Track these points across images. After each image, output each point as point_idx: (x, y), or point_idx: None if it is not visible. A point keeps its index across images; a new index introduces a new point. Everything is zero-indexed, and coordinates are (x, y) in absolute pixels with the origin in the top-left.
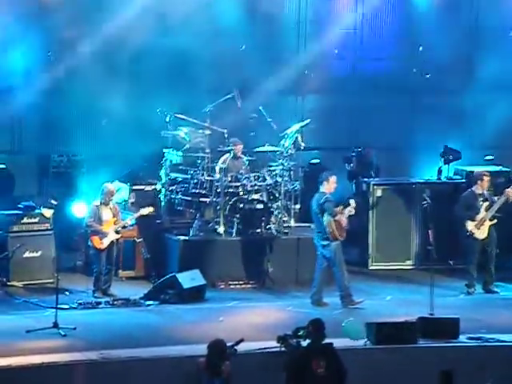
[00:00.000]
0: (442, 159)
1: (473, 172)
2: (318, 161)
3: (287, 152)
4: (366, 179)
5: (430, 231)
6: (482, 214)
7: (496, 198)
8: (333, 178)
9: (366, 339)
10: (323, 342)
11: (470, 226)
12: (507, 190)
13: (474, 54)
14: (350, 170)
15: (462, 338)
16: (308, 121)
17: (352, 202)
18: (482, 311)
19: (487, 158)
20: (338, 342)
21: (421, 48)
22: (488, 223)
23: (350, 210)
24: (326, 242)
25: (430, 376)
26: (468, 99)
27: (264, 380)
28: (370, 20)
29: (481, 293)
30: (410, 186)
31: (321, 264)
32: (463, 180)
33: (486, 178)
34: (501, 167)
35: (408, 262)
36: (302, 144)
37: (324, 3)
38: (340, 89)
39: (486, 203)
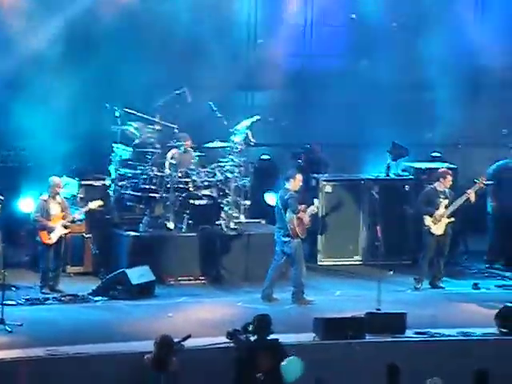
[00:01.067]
0: (390, 156)
1: (421, 169)
2: (268, 157)
3: (237, 148)
4: (315, 175)
5: (378, 227)
6: (441, 210)
7: (449, 192)
8: (299, 176)
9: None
10: (269, 338)
11: (428, 220)
12: (468, 191)
13: (424, 51)
14: (298, 166)
15: (409, 332)
16: (258, 117)
17: (316, 201)
18: (429, 306)
19: (434, 154)
20: (286, 338)
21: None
22: (445, 220)
23: (313, 209)
24: (287, 239)
25: (377, 371)
26: (416, 96)
27: (212, 376)
28: (320, 16)
29: (428, 288)
30: (359, 182)
31: (278, 260)
32: (411, 176)
33: (449, 177)
34: (447, 164)
35: (356, 258)
36: (252, 140)
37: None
38: (290, 85)
39: (446, 201)
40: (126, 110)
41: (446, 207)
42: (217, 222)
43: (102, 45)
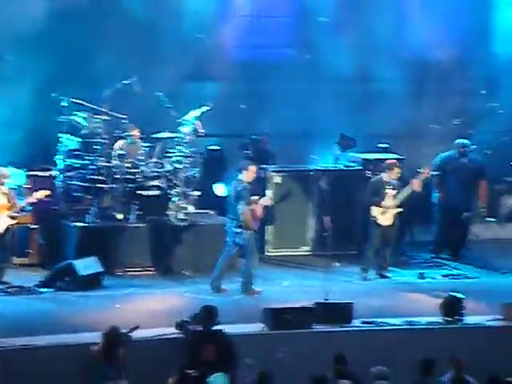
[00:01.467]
0: (339, 147)
1: (368, 159)
2: (217, 147)
3: (186, 138)
4: (264, 166)
5: (326, 218)
6: (388, 201)
7: (397, 183)
8: (252, 168)
9: None
10: (214, 328)
11: (375, 211)
12: (413, 180)
13: (371, 42)
14: (246, 157)
15: (356, 322)
16: (207, 107)
17: (268, 192)
18: (376, 296)
19: (381, 145)
20: (235, 328)
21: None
22: (393, 211)
23: (266, 201)
24: (239, 230)
25: (325, 360)
26: (363, 87)
27: (161, 366)
28: (268, 8)
29: (375, 277)
30: (308, 174)
31: (229, 251)
32: (359, 167)
33: (396, 169)
34: (395, 155)
35: (304, 248)
36: (201, 130)
37: None
38: (239, 75)
39: (393, 191)
40: (74, 99)
41: (393, 198)
42: (166, 213)
43: (48, 34)
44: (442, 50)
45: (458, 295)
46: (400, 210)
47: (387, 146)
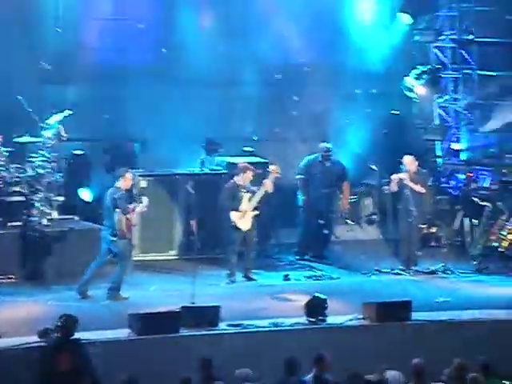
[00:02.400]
0: (204, 151)
1: (234, 163)
2: (81, 152)
3: (49, 143)
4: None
5: (193, 222)
6: (245, 205)
7: (256, 188)
8: (129, 175)
9: None
10: (72, 338)
11: (234, 216)
12: (265, 180)
13: (232, 48)
14: (107, 161)
15: (222, 325)
16: (69, 111)
17: (144, 199)
18: (242, 298)
19: (246, 149)
20: (101, 335)
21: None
22: (250, 214)
23: (142, 208)
24: (114, 238)
25: (191, 364)
26: (229, 92)
27: (24, 376)
28: (129, 11)
29: (241, 280)
30: (174, 177)
31: (103, 257)
32: (225, 171)
33: (249, 172)
34: (259, 158)
35: (172, 253)
36: (64, 135)
37: None
38: (102, 79)
39: (248, 194)
40: None
41: (250, 200)
42: (28, 219)
43: None
44: (304, 56)
45: (321, 296)
46: (257, 212)
47: (252, 149)
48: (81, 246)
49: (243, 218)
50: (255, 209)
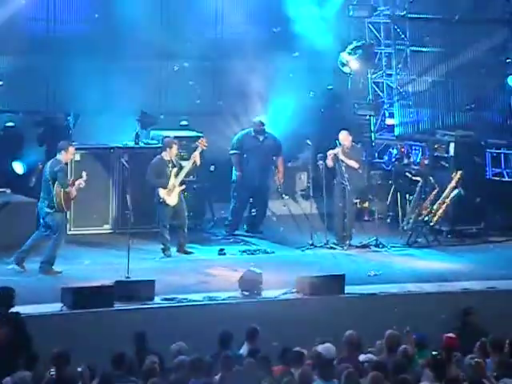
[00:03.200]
0: (139, 124)
1: (169, 136)
2: (12, 124)
3: None
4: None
5: (127, 196)
6: (172, 180)
7: (184, 163)
8: (72, 149)
9: None
10: (10, 311)
11: (162, 192)
12: (194, 153)
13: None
14: (39, 134)
15: (157, 299)
16: (0, 82)
17: (84, 174)
18: (177, 273)
19: (182, 123)
20: (34, 309)
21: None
22: (178, 189)
23: (81, 183)
24: (50, 210)
25: (126, 338)
26: (165, 65)
27: None
28: None
29: (176, 255)
30: (108, 151)
31: (44, 231)
32: (160, 145)
33: (175, 146)
34: (194, 132)
35: (106, 227)
36: None
37: None
38: (35, 51)
39: (175, 169)
40: None
41: (176, 175)
42: None
43: None
44: (238, 30)
45: (257, 270)
46: (183, 187)
47: (187, 123)
48: (13, 219)
49: (171, 194)
50: (182, 183)
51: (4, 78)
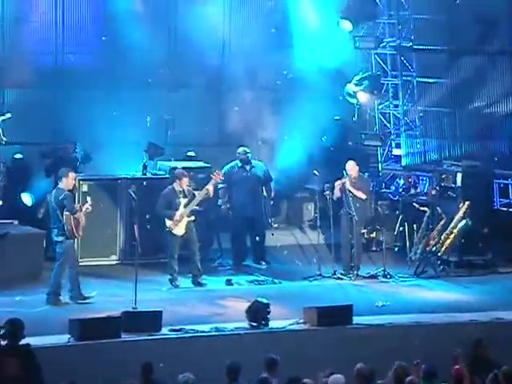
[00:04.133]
0: (147, 155)
1: (176, 168)
2: (21, 156)
3: None
4: None
5: (135, 226)
6: (181, 210)
7: (196, 193)
8: (72, 174)
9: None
10: (21, 343)
11: (169, 222)
12: (208, 186)
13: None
14: (47, 165)
15: (164, 330)
16: (9, 115)
17: (88, 199)
18: (183, 303)
19: (189, 154)
20: (40, 340)
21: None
22: (186, 219)
23: (88, 208)
24: (60, 239)
25: (133, 369)
26: (172, 95)
27: None
28: (72, 13)
29: (184, 285)
30: (116, 182)
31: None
32: (167, 175)
33: (185, 179)
34: (202, 163)
35: (113, 257)
36: (3, 138)
37: None
38: (42, 83)
39: (185, 199)
40: None
41: (185, 206)
42: None
43: None
44: (245, 60)
45: (264, 300)
46: (192, 217)
47: (194, 154)
48: (19, 250)
49: (178, 224)
50: (191, 214)
51: (13, 111)
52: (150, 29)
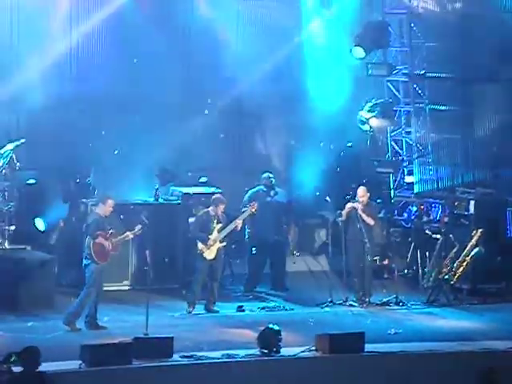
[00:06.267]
0: (159, 180)
1: (188, 193)
2: (34, 181)
3: (1, 172)
4: (84, 200)
5: (147, 252)
6: (214, 235)
7: (228, 220)
8: (110, 202)
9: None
10: (37, 370)
11: (201, 246)
12: (243, 215)
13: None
14: (63, 191)
15: (176, 356)
16: (22, 140)
17: (137, 227)
18: (195, 329)
19: (201, 179)
20: (52, 366)
21: (135, 60)
22: (218, 245)
23: (128, 235)
24: (87, 262)
25: None
26: (184, 122)
27: None
28: (89, 39)
29: (202, 312)
30: (128, 207)
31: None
32: (179, 201)
33: (222, 205)
34: (214, 188)
35: (125, 283)
36: (17, 164)
37: (38, 21)
38: (57, 108)
39: (219, 225)
40: None
41: (219, 231)
42: None
43: None
44: (260, 88)
45: (275, 327)
46: (224, 244)
47: (206, 179)
48: (31, 276)
49: (210, 248)
50: (223, 240)
51: (27, 136)
52: (165, 56)
